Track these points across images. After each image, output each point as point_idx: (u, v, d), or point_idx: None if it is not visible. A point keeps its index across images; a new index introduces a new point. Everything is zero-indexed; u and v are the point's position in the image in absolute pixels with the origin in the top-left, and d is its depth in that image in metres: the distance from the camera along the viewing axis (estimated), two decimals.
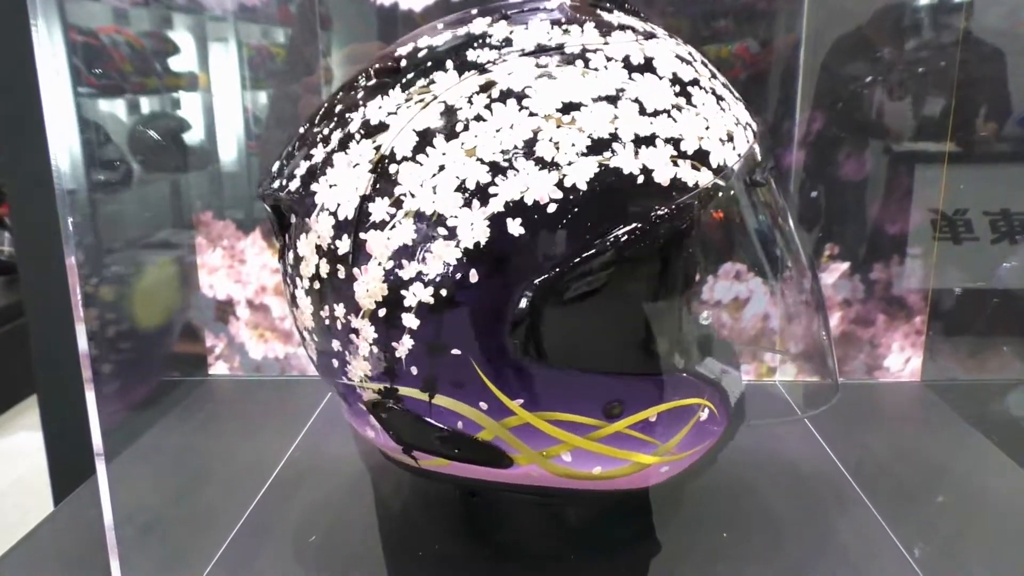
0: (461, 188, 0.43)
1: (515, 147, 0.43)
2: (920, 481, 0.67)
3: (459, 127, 0.44)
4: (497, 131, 0.43)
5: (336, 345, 0.48)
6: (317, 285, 0.47)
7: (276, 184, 0.49)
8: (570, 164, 0.43)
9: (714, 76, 0.49)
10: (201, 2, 0.84)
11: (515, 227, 0.42)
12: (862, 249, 0.83)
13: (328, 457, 0.70)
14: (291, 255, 0.49)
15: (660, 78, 0.46)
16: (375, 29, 0.83)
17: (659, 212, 0.44)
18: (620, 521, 0.58)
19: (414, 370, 0.46)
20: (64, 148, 0.49)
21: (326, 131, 0.47)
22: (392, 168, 0.44)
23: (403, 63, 0.47)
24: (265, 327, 0.88)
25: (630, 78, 0.45)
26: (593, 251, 0.43)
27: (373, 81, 0.47)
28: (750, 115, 0.50)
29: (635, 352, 0.49)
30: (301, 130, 0.50)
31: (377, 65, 0.48)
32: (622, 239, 0.43)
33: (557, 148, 0.43)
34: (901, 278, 0.83)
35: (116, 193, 0.80)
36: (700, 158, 0.45)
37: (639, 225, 0.44)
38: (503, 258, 0.43)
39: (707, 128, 0.46)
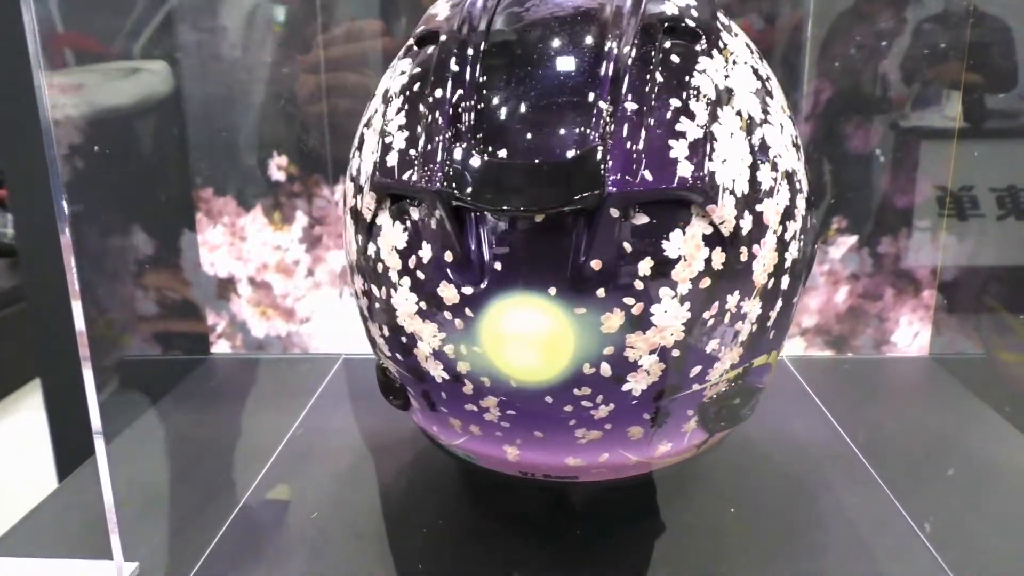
0: (794, 144, 0.46)
1: (783, 103, 0.47)
2: (930, 455, 0.66)
3: (768, 85, 0.46)
4: (776, 88, 0.47)
5: (713, 346, 0.43)
6: (707, 283, 0.41)
7: (615, 173, 0.38)
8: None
9: None
10: None
11: (803, 173, 0.47)
12: (870, 222, 0.82)
13: (331, 435, 0.70)
14: (645, 265, 0.40)
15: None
16: (376, 6, 0.82)
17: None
18: (626, 498, 0.58)
19: (771, 335, 0.47)
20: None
21: (675, 102, 0.40)
22: (758, 133, 0.43)
23: (689, 23, 0.43)
24: (267, 304, 0.87)
25: None
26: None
27: (669, 43, 0.42)
28: None
29: None
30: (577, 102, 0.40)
31: (664, 24, 0.43)
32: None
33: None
34: (909, 252, 0.82)
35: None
36: None
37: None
38: (810, 203, 0.48)
39: None
